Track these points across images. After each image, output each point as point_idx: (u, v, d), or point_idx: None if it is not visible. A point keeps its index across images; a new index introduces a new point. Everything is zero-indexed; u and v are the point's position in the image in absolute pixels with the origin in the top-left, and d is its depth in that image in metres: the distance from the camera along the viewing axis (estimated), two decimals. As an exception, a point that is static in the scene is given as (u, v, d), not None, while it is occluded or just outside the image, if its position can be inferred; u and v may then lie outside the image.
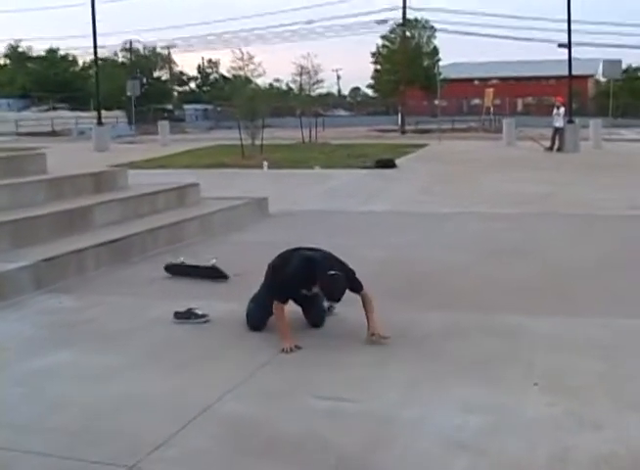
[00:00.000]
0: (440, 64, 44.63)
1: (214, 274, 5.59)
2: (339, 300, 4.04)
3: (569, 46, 21.81)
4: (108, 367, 3.76)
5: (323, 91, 35.25)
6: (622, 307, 4.69)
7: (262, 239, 7.56)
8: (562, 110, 20.55)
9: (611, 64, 26.78)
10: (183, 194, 8.62)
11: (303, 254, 4.24)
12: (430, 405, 3.20)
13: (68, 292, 5.31)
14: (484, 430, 2.95)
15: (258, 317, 4.31)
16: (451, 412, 3.11)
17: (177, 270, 5.76)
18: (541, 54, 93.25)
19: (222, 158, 17.58)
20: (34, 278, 5.35)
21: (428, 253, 6.61)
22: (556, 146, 20.04)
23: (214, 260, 5.65)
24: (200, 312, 4.47)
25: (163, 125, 25.92)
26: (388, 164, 15.46)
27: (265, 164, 15.63)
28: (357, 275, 4.19)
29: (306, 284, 4.10)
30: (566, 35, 21.71)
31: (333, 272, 3.97)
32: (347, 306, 4.32)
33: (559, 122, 20.25)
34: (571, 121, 20.59)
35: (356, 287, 4.17)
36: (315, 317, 4.35)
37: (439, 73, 32.66)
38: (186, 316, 4.44)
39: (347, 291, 4.09)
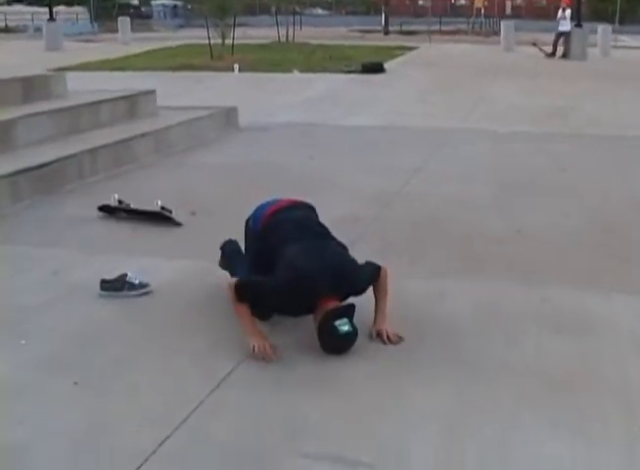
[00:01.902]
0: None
1: (162, 219, 4.28)
2: None
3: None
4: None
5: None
6: None
7: (229, 160, 6.22)
8: (568, 12, 18.68)
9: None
10: (135, 103, 7.12)
11: (295, 264, 2.72)
12: None
13: (-32, 238, 3.99)
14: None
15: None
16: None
17: (114, 211, 4.44)
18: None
19: (189, 59, 15.74)
20: None
21: (434, 184, 5.31)
22: (560, 52, 18.39)
23: (159, 202, 4.30)
24: (136, 281, 3.19)
25: (124, 21, 23.47)
26: (376, 68, 13.84)
27: (236, 66, 13.93)
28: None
29: (296, 312, 2.79)
30: None
31: (338, 323, 2.57)
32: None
33: (565, 26, 18.45)
34: (578, 25, 18.79)
35: (369, 277, 2.86)
36: None
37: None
38: (117, 287, 3.16)
39: None
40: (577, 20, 19.05)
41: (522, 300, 3.17)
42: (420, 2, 46.68)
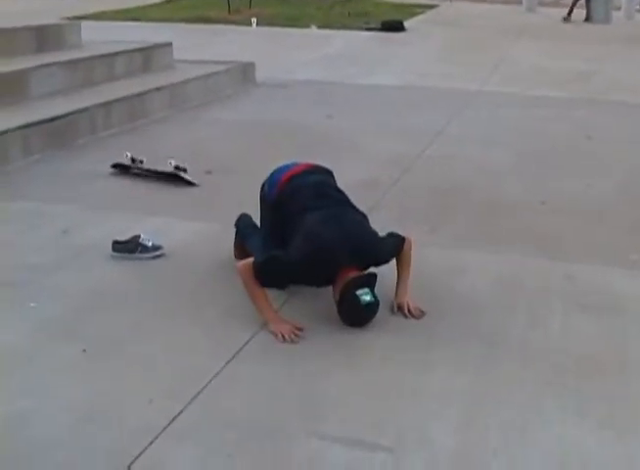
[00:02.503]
0: None
1: (176, 179, 4.16)
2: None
3: None
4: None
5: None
6: None
7: (246, 117, 6.07)
8: None
9: None
10: (150, 56, 6.94)
11: (313, 234, 2.60)
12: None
13: (-22, 193, 3.91)
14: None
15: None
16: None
17: (128, 170, 4.32)
18: None
19: (206, 11, 15.37)
20: None
21: (455, 148, 5.15)
22: (582, 15, 17.69)
23: (173, 162, 4.17)
24: (149, 243, 3.09)
25: (142, -29, 22.98)
26: (397, 26, 13.43)
27: (254, 20, 13.60)
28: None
29: (315, 282, 2.66)
30: None
31: (360, 293, 2.46)
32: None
33: None
34: (603, -13, 18.13)
35: (394, 247, 2.74)
36: None
37: None
38: (130, 249, 3.07)
39: None
40: (601, -19, 18.35)
41: (545, 275, 3.06)
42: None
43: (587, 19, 17.15)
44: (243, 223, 3.07)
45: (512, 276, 3.03)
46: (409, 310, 2.64)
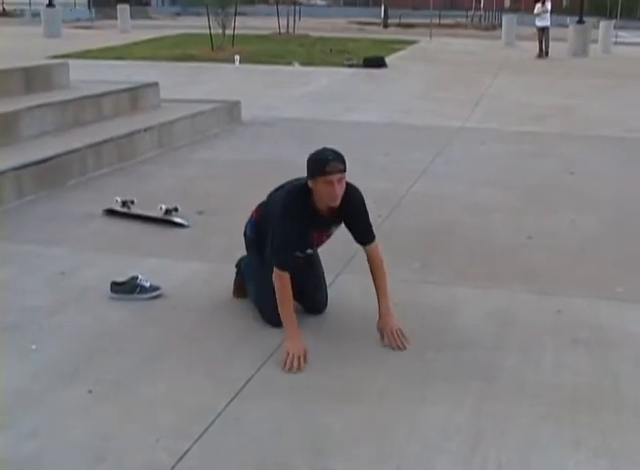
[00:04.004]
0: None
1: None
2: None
3: None
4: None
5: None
6: None
7: (234, 156, 6.17)
8: (548, 5, 17.26)
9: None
10: (137, 96, 7.05)
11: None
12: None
13: (-26, 235, 3.94)
14: None
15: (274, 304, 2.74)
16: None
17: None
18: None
19: (189, 49, 15.64)
20: None
21: (443, 186, 5.29)
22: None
23: (163, 207, 4.23)
24: (147, 283, 3.15)
25: (123, 9, 23.30)
26: (378, 62, 13.77)
27: (237, 57, 13.84)
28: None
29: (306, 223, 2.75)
30: None
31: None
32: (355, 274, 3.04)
33: (544, 21, 17.03)
34: (581, 22, 18.68)
35: (367, 232, 2.87)
36: (314, 296, 2.99)
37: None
38: (128, 290, 3.12)
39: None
40: (580, 15, 18.91)
41: (535, 310, 3.15)
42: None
43: (547, 52, 16.85)
44: (244, 264, 3.14)
45: (503, 312, 3.12)
46: (397, 335, 2.73)
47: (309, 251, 2.92)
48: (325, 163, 2.66)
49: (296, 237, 2.74)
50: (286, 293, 2.68)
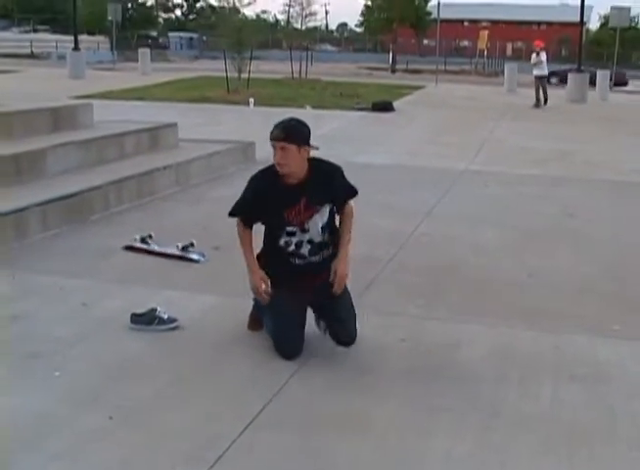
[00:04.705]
0: (430, 3, 43.06)
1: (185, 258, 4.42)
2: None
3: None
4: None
5: (315, 24, 33.62)
6: None
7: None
8: (543, 55, 16.98)
9: (619, 11, 25.07)
10: (157, 136, 7.34)
11: None
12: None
13: (1, 266, 4.12)
14: None
15: (292, 336, 3.00)
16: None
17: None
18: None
19: (206, 91, 16.09)
20: (-43, 247, 4.17)
21: (448, 227, 5.47)
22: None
23: (180, 244, 4.44)
24: (165, 315, 3.32)
25: (144, 53, 24.09)
26: (386, 106, 14.13)
27: (252, 100, 14.24)
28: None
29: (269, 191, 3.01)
30: None
31: None
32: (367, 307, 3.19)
33: (541, 70, 16.67)
34: (579, 70, 19.17)
35: (343, 197, 3.12)
36: (337, 329, 3.08)
37: (430, 13, 31.11)
38: (147, 321, 3.30)
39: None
40: (578, 64, 19.38)
41: (535, 346, 3.29)
42: (425, 41, 47.63)
43: (546, 101, 16.46)
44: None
45: (504, 348, 3.27)
46: (339, 280, 3.00)
47: (290, 228, 3.03)
48: (272, 129, 2.96)
49: (250, 198, 3.08)
50: (242, 238, 3.11)
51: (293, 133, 2.93)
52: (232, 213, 3.15)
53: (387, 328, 3.42)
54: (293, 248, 3.04)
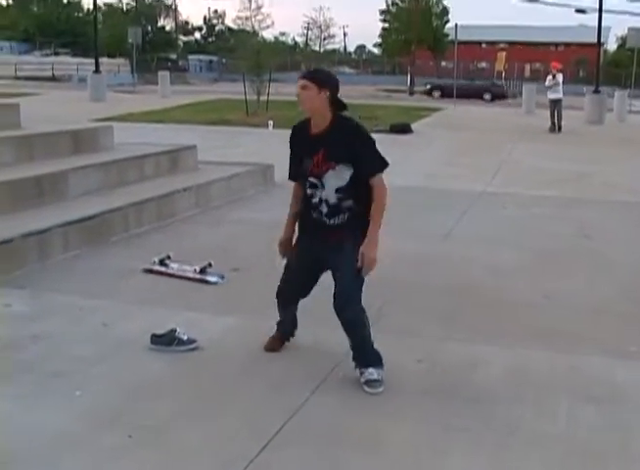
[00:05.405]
0: (447, 25, 43.39)
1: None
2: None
3: (599, 9, 20.22)
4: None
5: (333, 47, 34.02)
6: None
7: (267, 217, 6.41)
8: (560, 77, 16.05)
9: (637, 31, 24.98)
10: (177, 158, 7.45)
11: None
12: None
13: (23, 286, 4.21)
14: None
15: (289, 289, 3.28)
16: None
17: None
18: (554, 19, 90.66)
19: (225, 114, 16.29)
20: (-19, 267, 4.26)
21: (466, 248, 5.48)
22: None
23: (197, 268, 4.50)
24: (185, 337, 3.37)
25: (164, 76, 24.47)
26: (404, 128, 14.22)
27: (271, 123, 14.39)
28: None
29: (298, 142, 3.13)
30: (583, 1, 20.12)
31: None
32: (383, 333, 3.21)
33: (556, 93, 15.79)
34: (597, 91, 19.14)
35: (364, 163, 2.99)
36: (337, 286, 3.00)
37: (447, 35, 31.36)
38: (167, 342, 3.34)
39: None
40: (596, 85, 19.33)
41: (551, 367, 3.29)
42: (443, 63, 47.98)
43: (560, 127, 15.65)
44: None
45: (520, 368, 3.27)
46: (366, 264, 2.95)
47: (311, 179, 3.05)
48: None
49: (290, 151, 3.18)
50: (292, 193, 3.21)
51: (316, 74, 3.04)
52: (290, 178, 3.23)
53: (403, 348, 3.43)
54: (316, 201, 3.07)
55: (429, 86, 31.40)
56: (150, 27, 52.69)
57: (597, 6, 20.04)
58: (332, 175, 3.00)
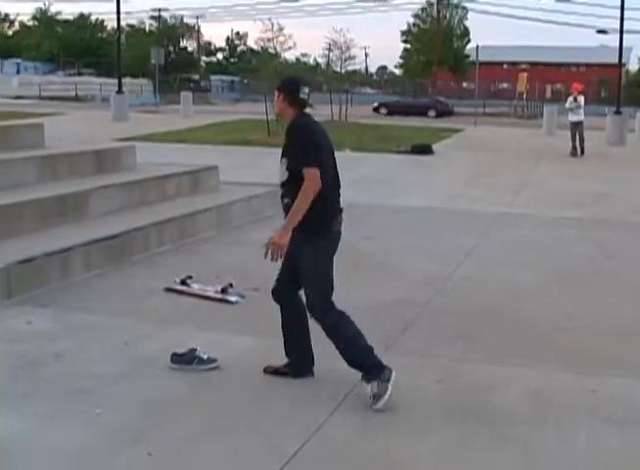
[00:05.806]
0: (468, 46, 43.51)
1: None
2: None
3: (620, 30, 20.18)
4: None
5: (355, 68, 34.38)
6: None
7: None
8: (581, 99, 15.35)
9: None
10: (198, 178, 7.52)
11: None
12: None
13: (45, 304, 4.27)
14: None
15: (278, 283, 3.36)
16: None
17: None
18: (575, 40, 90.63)
19: (247, 134, 16.43)
20: (4, 284, 4.31)
21: (486, 269, 5.46)
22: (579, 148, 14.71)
23: (219, 288, 4.54)
24: (205, 356, 3.38)
25: (186, 96, 24.74)
26: (426, 149, 14.22)
27: (291, 143, 14.47)
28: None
29: None
30: (604, 22, 20.05)
31: None
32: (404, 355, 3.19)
33: (577, 116, 15.03)
34: (618, 112, 19.02)
35: (289, 160, 3.09)
36: None
37: (468, 56, 31.50)
38: (187, 361, 3.36)
39: None
40: (617, 106, 19.22)
41: (571, 389, 3.27)
42: (464, 84, 48.09)
43: (582, 151, 14.81)
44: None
45: (540, 390, 3.25)
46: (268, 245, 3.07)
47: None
48: None
49: None
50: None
51: (281, 82, 3.29)
52: None
53: (423, 369, 3.42)
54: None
55: (376, 104, 33.27)
56: (172, 48, 53.63)
57: (618, 27, 20.05)
58: (280, 171, 3.20)
